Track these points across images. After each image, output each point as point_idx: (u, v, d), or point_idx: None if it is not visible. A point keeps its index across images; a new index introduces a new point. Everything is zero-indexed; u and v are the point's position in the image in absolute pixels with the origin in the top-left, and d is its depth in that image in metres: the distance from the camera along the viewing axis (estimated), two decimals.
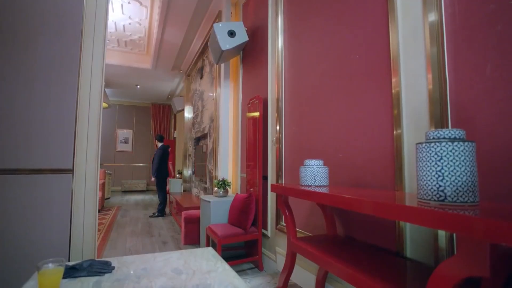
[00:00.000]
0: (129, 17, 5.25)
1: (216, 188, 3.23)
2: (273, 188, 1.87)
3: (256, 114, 2.89)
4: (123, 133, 9.95)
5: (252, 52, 3.38)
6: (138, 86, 8.46)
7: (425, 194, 0.95)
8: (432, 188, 0.93)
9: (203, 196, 3.35)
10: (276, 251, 2.58)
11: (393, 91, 1.45)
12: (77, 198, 1.96)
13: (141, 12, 5.12)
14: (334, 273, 1.27)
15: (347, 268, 1.20)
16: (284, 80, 2.61)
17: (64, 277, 1.08)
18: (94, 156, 2.02)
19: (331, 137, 1.97)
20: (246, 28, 3.35)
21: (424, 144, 0.96)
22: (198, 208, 3.90)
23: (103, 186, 6.50)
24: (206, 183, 4.90)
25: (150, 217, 5.44)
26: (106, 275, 1.21)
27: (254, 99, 2.98)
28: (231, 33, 3.29)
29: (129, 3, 4.84)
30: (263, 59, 3.00)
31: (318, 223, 2.04)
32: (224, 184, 3.21)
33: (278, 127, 2.62)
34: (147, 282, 1.13)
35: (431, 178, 0.93)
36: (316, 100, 2.15)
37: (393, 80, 1.45)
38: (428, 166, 0.94)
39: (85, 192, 1.98)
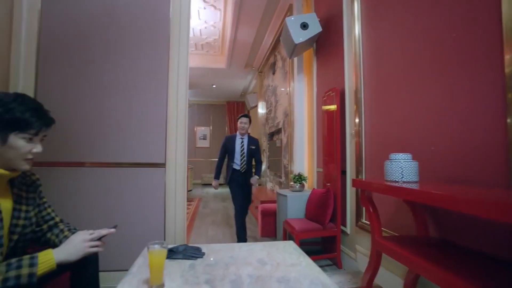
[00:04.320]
0: (205, 22, 5.61)
1: (292, 183, 3.24)
2: (355, 183, 1.78)
3: (333, 107, 2.79)
4: (201, 130, 10.78)
5: (326, 43, 3.26)
6: (214, 86, 9.02)
7: None
8: None
9: (279, 190, 3.40)
10: (357, 249, 2.46)
11: (506, 70, 1.22)
12: (169, 189, 2.20)
13: (215, 16, 5.42)
14: (431, 280, 1.14)
15: (449, 276, 1.06)
16: (363, 69, 2.45)
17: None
18: (182, 151, 2.23)
19: (420, 128, 1.77)
20: (319, 19, 3.24)
21: None
22: (274, 201, 3.98)
23: (186, 179, 7.16)
24: (281, 178, 4.96)
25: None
26: (199, 259, 1.33)
27: (330, 91, 2.88)
28: (304, 26, 3.23)
29: (204, 8, 5.16)
30: (338, 49, 2.86)
31: (405, 222, 1.87)
32: (300, 178, 3.19)
33: (357, 120, 2.47)
34: (235, 270, 1.20)
35: None
36: (401, 89, 1.95)
37: (507, 57, 1.21)
38: None
39: (175, 184, 2.21)
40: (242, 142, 3.52)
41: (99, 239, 1.17)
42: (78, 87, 2.13)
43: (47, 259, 0.99)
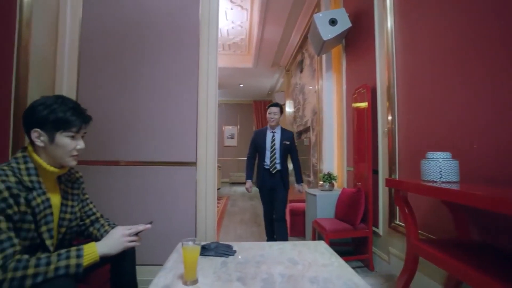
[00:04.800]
0: (232, 22, 5.66)
1: (321, 182, 3.19)
2: (388, 183, 1.72)
3: (364, 104, 2.71)
4: (229, 129, 10.93)
5: (356, 38, 3.17)
6: (241, 85, 9.10)
7: None
8: None
9: (308, 190, 3.36)
10: (390, 252, 2.37)
11: None
12: (200, 188, 2.25)
13: (242, 15, 5.45)
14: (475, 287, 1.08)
15: (497, 284, 0.99)
16: (396, 65, 2.35)
17: None
18: (212, 150, 2.27)
19: (461, 126, 1.67)
20: (348, 14, 3.16)
21: None
22: (302, 201, 3.94)
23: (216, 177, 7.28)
24: (309, 177, 4.90)
25: None
26: (230, 257, 1.35)
27: (361, 88, 2.80)
28: (332, 22, 3.16)
29: (231, 9, 5.21)
30: (369, 45, 2.77)
31: (443, 225, 1.77)
32: (330, 177, 3.14)
33: (390, 117, 2.38)
34: (266, 268, 1.20)
35: None
36: (439, 84, 1.85)
37: None
38: None
39: (206, 183, 2.25)
40: (273, 136, 3.03)
41: (136, 234, 1.22)
42: (114, 90, 2.25)
43: (91, 251, 1.05)
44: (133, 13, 2.29)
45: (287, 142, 3.00)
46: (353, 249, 2.92)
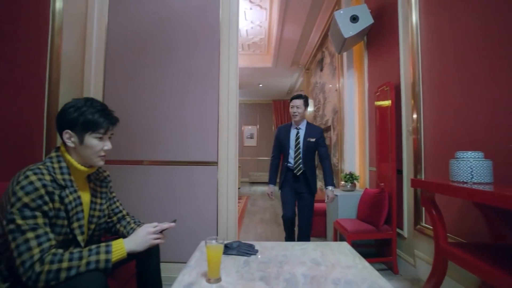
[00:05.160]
0: (251, 22, 5.68)
1: (343, 182, 3.14)
2: (414, 183, 1.66)
3: (387, 102, 2.63)
4: (248, 129, 10.96)
5: (378, 35, 3.08)
6: (261, 85, 9.10)
7: None
8: None
9: None
10: (415, 255, 2.29)
11: None
12: (221, 187, 2.27)
13: (261, 15, 5.45)
14: None
15: None
16: (421, 61, 2.27)
17: None
18: (233, 150, 2.29)
19: (495, 124, 1.58)
20: (370, 10, 3.08)
21: None
22: (323, 201, 3.88)
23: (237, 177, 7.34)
24: None
25: None
26: (252, 256, 1.36)
27: (384, 86, 2.72)
28: (354, 18, 3.10)
29: (251, 9, 5.22)
30: (393, 41, 2.69)
31: (474, 228, 1.69)
32: (351, 177, 3.08)
33: (415, 115, 2.30)
34: (289, 268, 1.20)
35: None
36: (470, 80, 1.77)
37: None
38: None
39: (227, 182, 2.27)
40: (298, 133, 2.65)
41: (161, 232, 1.25)
42: (138, 91, 2.32)
43: (119, 247, 1.09)
44: (155, 18, 2.35)
45: (312, 140, 2.61)
46: (376, 251, 2.84)
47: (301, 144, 2.61)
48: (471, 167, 1.39)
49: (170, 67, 2.33)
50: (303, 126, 2.68)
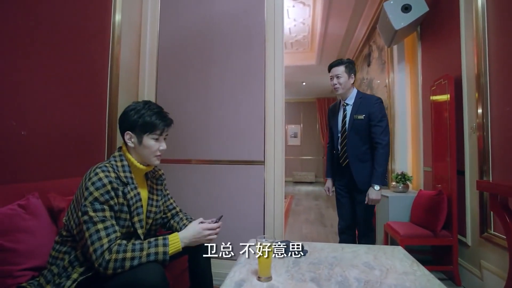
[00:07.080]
0: (294, 20, 5.61)
1: (394, 183, 2.96)
2: (480, 185, 1.51)
3: (445, 97, 2.42)
4: (292, 128, 10.86)
5: (435, 23, 2.84)
6: (304, 83, 8.97)
7: None
8: None
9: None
10: (482, 266, 2.07)
11: None
12: (268, 186, 2.28)
13: (304, 12, 5.36)
14: None
15: None
16: (488, 49, 2.04)
17: None
18: (280, 149, 2.29)
19: None
20: None
21: None
22: None
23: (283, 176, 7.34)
24: None
25: None
26: (302, 257, 1.34)
27: (441, 79, 2.50)
28: (406, 8, 2.90)
29: (293, 6, 5.16)
30: (452, 29, 2.46)
31: None
32: (404, 178, 2.89)
33: (479, 110, 2.08)
34: (340, 271, 1.16)
35: None
36: None
37: None
38: None
39: (274, 181, 2.27)
40: (345, 111, 2.11)
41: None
42: (186, 93, 2.43)
43: (175, 241, 1.15)
44: (202, 22, 2.44)
45: (360, 117, 2.00)
46: (432, 258, 2.63)
47: (347, 125, 2.06)
48: None
49: (218, 68, 2.40)
50: (350, 100, 2.10)
